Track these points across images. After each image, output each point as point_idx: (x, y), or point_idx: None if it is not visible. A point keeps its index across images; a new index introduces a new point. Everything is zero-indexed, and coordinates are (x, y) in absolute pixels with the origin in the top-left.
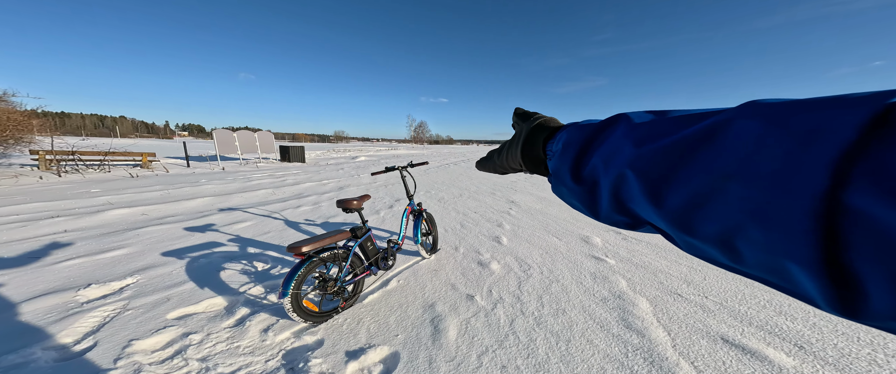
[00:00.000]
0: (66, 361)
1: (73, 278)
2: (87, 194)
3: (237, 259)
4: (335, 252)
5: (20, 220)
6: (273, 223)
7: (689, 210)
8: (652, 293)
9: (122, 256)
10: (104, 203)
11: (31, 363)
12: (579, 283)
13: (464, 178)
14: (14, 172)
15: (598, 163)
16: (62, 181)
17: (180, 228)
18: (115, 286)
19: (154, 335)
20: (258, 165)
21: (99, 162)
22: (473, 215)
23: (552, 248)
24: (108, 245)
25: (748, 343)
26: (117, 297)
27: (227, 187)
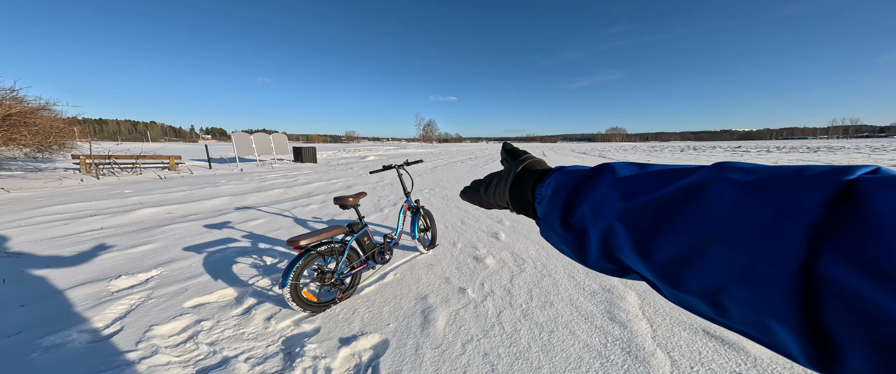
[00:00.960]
0: (96, 342)
1: (106, 270)
2: (121, 195)
3: (248, 254)
4: (332, 246)
5: (64, 218)
6: (283, 221)
7: (676, 266)
8: (642, 288)
9: (149, 250)
10: (135, 203)
11: (67, 343)
12: (571, 277)
13: (470, 176)
14: (58, 175)
15: (586, 211)
16: (100, 183)
17: (200, 225)
18: (141, 277)
19: (171, 322)
20: (273, 166)
21: (132, 165)
22: (475, 211)
23: (549, 244)
24: (138, 241)
25: (728, 336)
26: (143, 287)
27: (244, 188)
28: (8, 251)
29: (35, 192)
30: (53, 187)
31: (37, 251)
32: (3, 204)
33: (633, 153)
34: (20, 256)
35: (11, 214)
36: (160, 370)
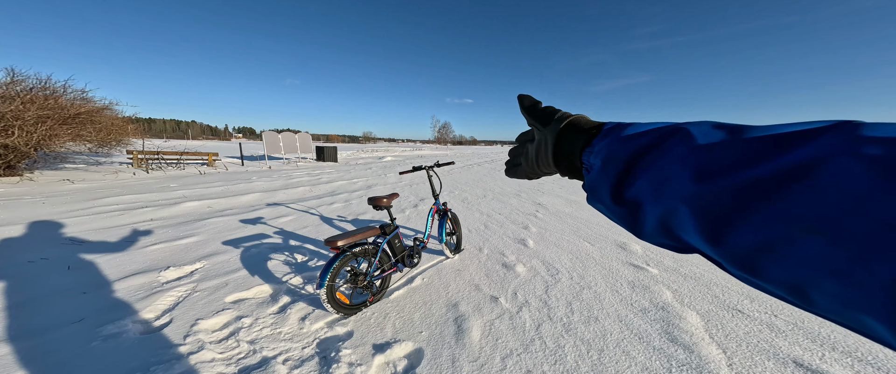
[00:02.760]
0: (148, 334)
1: (156, 261)
2: (168, 189)
3: (281, 251)
4: (365, 248)
5: (119, 209)
6: (310, 219)
7: (755, 254)
8: (704, 307)
9: (192, 243)
10: (180, 196)
11: (123, 333)
12: (615, 291)
13: (487, 179)
14: (115, 169)
15: (644, 188)
16: (149, 177)
17: (237, 220)
18: (187, 269)
19: (215, 316)
20: (298, 164)
21: (176, 161)
22: (498, 216)
23: (583, 253)
24: (183, 233)
25: (830, 371)
26: (188, 279)
27: (273, 184)
28: (73, 239)
29: (95, 183)
30: (111, 180)
31: (97, 239)
32: (69, 194)
33: None
34: (83, 243)
35: (76, 203)
36: (206, 367)
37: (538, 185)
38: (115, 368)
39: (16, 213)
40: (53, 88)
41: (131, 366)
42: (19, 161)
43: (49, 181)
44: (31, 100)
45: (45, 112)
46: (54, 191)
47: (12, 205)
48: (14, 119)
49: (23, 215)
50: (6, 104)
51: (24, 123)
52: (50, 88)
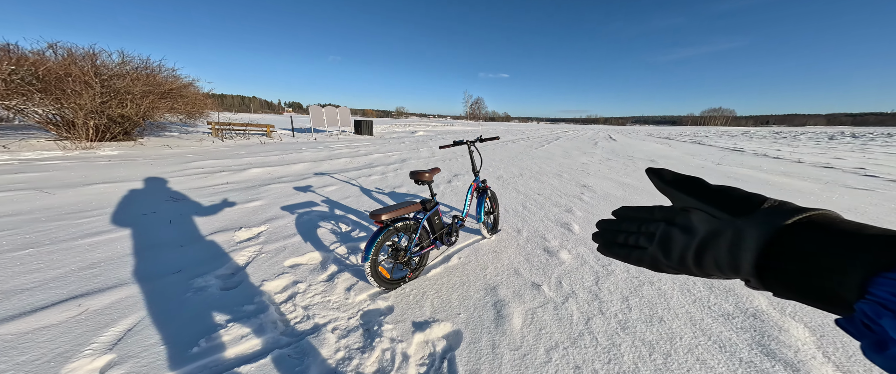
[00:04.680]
0: (226, 291)
1: (231, 221)
2: (237, 156)
3: (327, 219)
4: (407, 223)
5: (204, 172)
6: (351, 189)
7: None
8: (815, 321)
9: (258, 207)
10: (247, 163)
11: (208, 287)
12: (686, 291)
13: (524, 156)
14: (200, 137)
15: None
16: (224, 145)
17: (291, 187)
18: (254, 231)
19: (276, 279)
20: (339, 136)
21: (243, 131)
22: (537, 197)
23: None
24: (250, 197)
25: None
26: (256, 241)
27: (319, 155)
28: (173, 196)
29: (186, 149)
30: (197, 147)
31: (190, 197)
32: (168, 157)
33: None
34: (180, 200)
35: (173, 165)
36: (269, 327)
37: (583, 166)
38: (203, 319)
39: (134, 171)
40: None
41: (216, 320)
42: (133, 129)
43: (154, 146)
44: (137, 77)
45: (148, 87)
46: (158, 154)
47: (131, 164)
48: (126, 93)
49: (138, 172)
50: (121, 81)
51: (134, 96)
52: (149, 67)
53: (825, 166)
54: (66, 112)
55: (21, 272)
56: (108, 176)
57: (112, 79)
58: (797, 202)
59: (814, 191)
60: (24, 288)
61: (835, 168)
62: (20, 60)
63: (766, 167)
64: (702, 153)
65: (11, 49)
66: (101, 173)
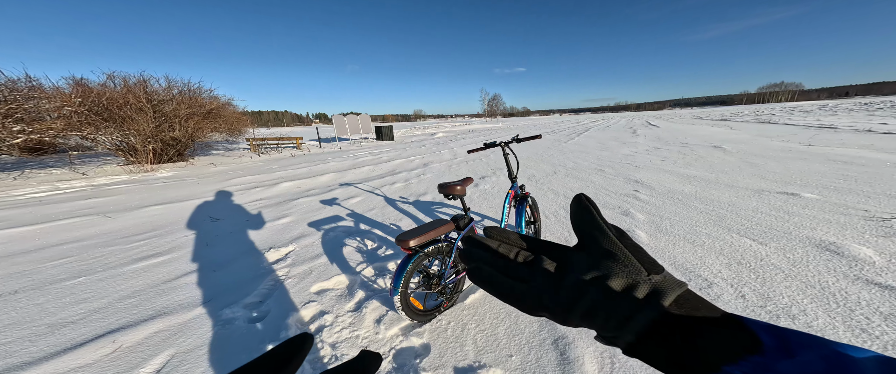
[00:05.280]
0: (253, 323)
1: (262, 241)
2: (270, 170)
3: (353, 236)
4: (439, 246)
5: (241, 188)
6: (375, 200)
7: None
8: None
9: (286, 224)
10: (278, 177)
11: (235, 320)
12: (862, 329)
13: (553, 151)
14: (240, 153)
15: None
16: (260, 160)
17: (317, 201)
18: (282, 252)
19: (303, 309)
20: (361, 144)
21: (276, 145)
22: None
23: (751, 256)
24: (280, 213)
25: None
26: (284, 263)
27: (343, 164)
28: (212, 216)
29: (228, 166)
30: (237, 163)
31: (226, 217)
32: (213, 176)
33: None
34: (217, 221)
35: (216, 183)
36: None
37: (627, 158)
38: (227, 361)
39: (183, 191)
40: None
41: (240, 357)
42: (184, 150)
43: (202, 165)
44: (182, 100)
45: (191, 110)
46: (204, 173)
47: (181, 185)
48: (174, 117)
49: (187, 192)
50: (169, 105)
51: (180, 119)
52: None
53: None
54: (129, 138)
55: (71, 303)
56: (161, 197)
57: (161, 104)
58: None
59: None
60: (69, 321)
61: None
62: (86, 92)
63: (882, 146)
64: (781, 133)
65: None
66: (156, 195)
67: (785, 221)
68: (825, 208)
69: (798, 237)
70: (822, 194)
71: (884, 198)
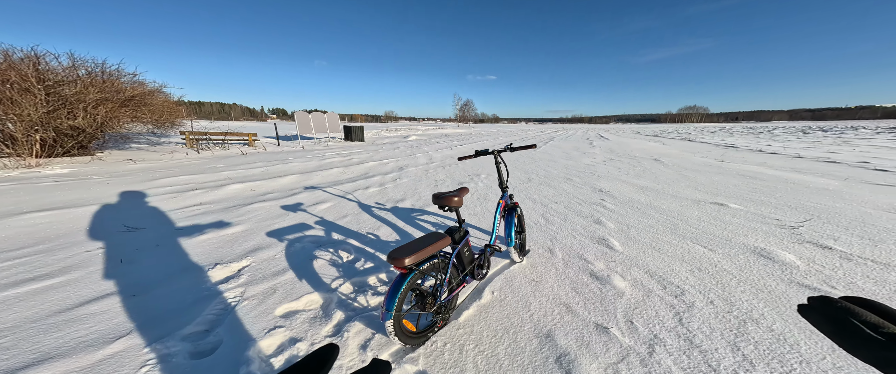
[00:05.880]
0: (198, 359)
1: (204, 256)
2: (214, 169)
3: (324, 246)
4: (434, 262)
5: (172, 191)
6: (348, 205)
7: None
8: None
9: (238, 234)
10: (225, 178)
11: (172, 356)
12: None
13: (524, 158)
14: (171, 149)
15: None
16: (199, 157)
17: (278, 206)
18: (234, 268)
19: (267, 337)
20: (328, 143)
21: (221, 141)
22: (555, 205)
23: (705, 263)
24: (229, 221)
25: None
26: (236, 281)
27: (308, 165)
28: (129, 225)
29: (154, 163)
30: (166, 160)
31: (150, 226)
32: (131, 174)
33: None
34: (137, 230)
35: (136, 184)
36: None
37: (589, 168)
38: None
39: (84, 193)
40: (109, 72)
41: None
42: (89, 142)
43: (115, 161)
44: (91, 83)
45: (104, 95)
46: (118, 171)
47: (82, 185)
48: (77, 102)
49: (90, 195)
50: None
51: (87, 105)
52: (106, 72)
53: (827, 161)
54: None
55: None
56: (50, 201)
57: (59, 85)
58: (841, 202)
59: (840, 189)
60: None
61: (838, 162)
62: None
63: (773, 164)
64: (699, 150)
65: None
66: (40, 198)
67: (723, 229)
68: (748, 217)
69: (737, 244)
70: (742, 204)
71: (787, 209)
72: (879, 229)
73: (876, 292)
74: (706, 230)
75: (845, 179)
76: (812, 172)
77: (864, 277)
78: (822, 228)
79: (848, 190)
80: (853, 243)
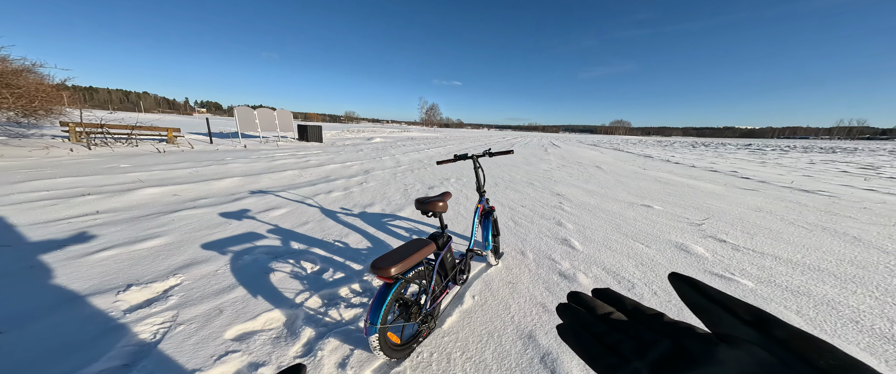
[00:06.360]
0: None
1: (110, 275)
2: (117, 170)
3: (283, 257)
4: (419, 270)
5: (51, 197)
6: (309, 212)
7: None
8: (864, 340)
9: (160, 247)
10: (135, 180)
11: None
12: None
13: (489, 164)
14: (45, 143)
15: None
16: (92, 154)
17: (215, 213)
18: (158, 288)
19: (218, 365)
20: (278, 143)
21: (127, 136)
22: (521, 208)
23: (645, 258)
24: (144, 232)
25: None
26: (163, 304)
27: (254, 167)
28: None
29: (19, 161)
30: (39, 157)
31: (23, 244)
32: None
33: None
34: (2, 249)
35: None
36: None
37: (547, 173)
38: None
39: None
40: None
41: None
42: None
43: None
44: None
45: None
46: None
47: None
48: None
49: None
50: None
51: None
52: None
53: (711, 170)
54: None
55: None
56: None
57: None
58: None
59: (723, 193)
60: None
61: (718, 171)
62: None
63: (678, 172)
64: (626, 159)
65: None
66: None
67: (652, 227)
68: (668, 216)
69: (664, 240)
70: (663, 206)
71: (692, 209)
72: (751, 224)
73: (757, 275)
74: (642, 229)
75: (725, 184)
76: (704, 179)
77: (748, 263)
78: (716, 225)
79: (728, 194)
80: (738, 237)
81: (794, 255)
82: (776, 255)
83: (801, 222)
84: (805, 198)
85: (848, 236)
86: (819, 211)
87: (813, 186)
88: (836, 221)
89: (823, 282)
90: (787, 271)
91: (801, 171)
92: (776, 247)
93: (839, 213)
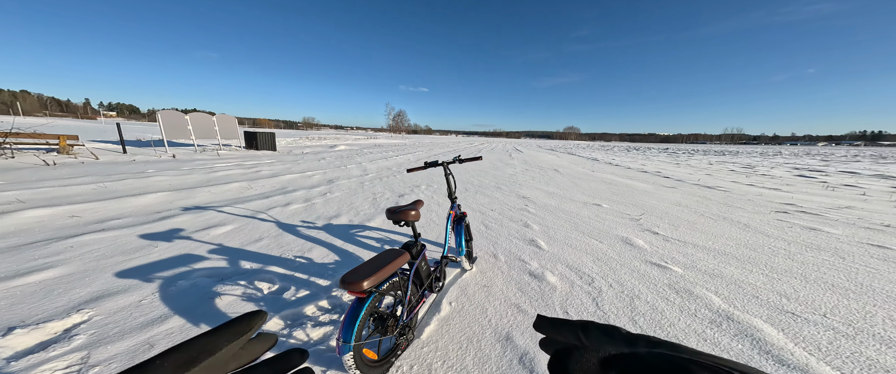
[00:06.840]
0: None
1: None
2: None
3: (231, 279)
4: (394, 281)
5: None
6: (263, 227)
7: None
8: (763, 313)
9: (53, 279)
10: (12, 200)
11: None
12: (666, 300)
13: (460, 170)
14: None
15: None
16: None
17: (134, 235)
18: (54, 328)
19: None
20: (219, 152)
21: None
22: (491, 212)
23: (600, 253)
24: (28, 264)
25: None
26: (65, 345)
27: (187, 180)
28: None
29: None
30: None
31: None
32: None
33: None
34: None
35: None
36: None
37: (512, 177)
38: None
39: None
40: None
41: None
42: None
43: None
44: None
45: None
46: None
47: None
48: None
49: None
50: None
51: None
52: None
53: (642, 171)
54: None
55: None
56: None
57: None
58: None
59: (652, 191)
60: None
61: (647, 172)
62: None
63: (618, 173)
64: (579, 162)
65: None
66: None
67: (602, 223)
68: (614, 214)
69: (613, 235)
70: (610, 204)
71: (631, 206)
72: (674, 217)
73: (683, 262)
74: (595, 227)
75: (653, 184)
76: (638, 179)
77: (676, 252)
78: (650, 219)
79: (656, 191)
80: (667, 229)
81: (707, 242)
82: (695, 243)
83: (708, 214)
84: (709, 193)
85: (740, 223)
86: (719, 204)
87: (713, 182)
88: (731, 211)
89: (729, 264)
90: (704, 257)
91: (704, 170)
92: (694, 236)
93: (732, 204)
